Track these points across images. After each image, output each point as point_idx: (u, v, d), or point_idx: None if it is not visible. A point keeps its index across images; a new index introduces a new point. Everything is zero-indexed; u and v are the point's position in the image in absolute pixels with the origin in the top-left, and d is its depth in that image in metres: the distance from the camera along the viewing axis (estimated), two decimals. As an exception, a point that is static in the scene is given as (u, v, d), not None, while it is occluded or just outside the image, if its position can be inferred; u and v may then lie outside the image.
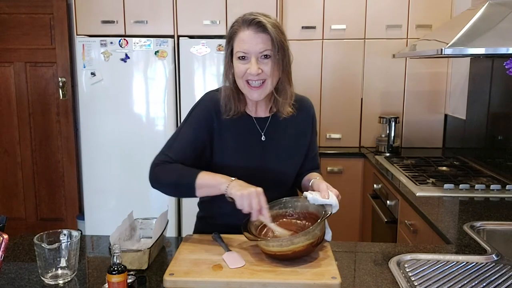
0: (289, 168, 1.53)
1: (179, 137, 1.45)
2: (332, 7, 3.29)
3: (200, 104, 1.47)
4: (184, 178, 1.35)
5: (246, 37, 1.33)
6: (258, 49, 1.33)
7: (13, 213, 3.85)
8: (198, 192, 1.34)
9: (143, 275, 1.22)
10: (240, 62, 1.36)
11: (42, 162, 3.83)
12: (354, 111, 3.39)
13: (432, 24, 3.23)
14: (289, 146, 1.51)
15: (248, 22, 1.33)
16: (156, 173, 1.39)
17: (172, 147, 1.43)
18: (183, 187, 1.36)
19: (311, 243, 1.23)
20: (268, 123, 1.49)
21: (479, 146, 2.73)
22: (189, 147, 1.42)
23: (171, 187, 1.39)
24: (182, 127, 1.46)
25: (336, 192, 1.34)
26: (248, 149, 1.47)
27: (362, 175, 3.15)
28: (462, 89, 3.06)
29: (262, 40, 1.33)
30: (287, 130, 1.50)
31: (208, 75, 3.06)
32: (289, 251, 1.21)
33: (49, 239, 1.22)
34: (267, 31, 1.33)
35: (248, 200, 1.24)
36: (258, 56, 1.34)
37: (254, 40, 1.33)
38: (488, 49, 1.93)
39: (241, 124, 1.46)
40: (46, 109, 3.76)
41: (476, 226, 1.64)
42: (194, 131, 1.43)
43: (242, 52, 1.34)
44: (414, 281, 1.19)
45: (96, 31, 3.12)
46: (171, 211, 3.14)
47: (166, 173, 1.38)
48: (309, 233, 1.22)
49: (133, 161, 3.11)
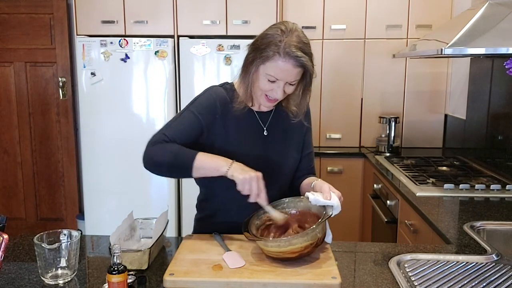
0: (289, 161, 1.54)
1: (179, 120, 1.45)
2: (332, 7, 3.29)
3: (205, 94, 1.48)
4: (182, 157, 1.35)
5: (284, 67, 1.33)
6: (290, 79, 1.36)
7: (13, 213, 3.85)
8: (194, 172, 1.35)
9: (143, 275, 1.22)
10: (267, 82, 1.37)
11: (42, 162, 3.83)
12: (354, 111, 3.39)
13: (432, 24, 3.23)
14: (289, 139, 1.54)
15: (292, 55, 1.32)
16: (152, 151, 1.38)
17: (170, 127, 1.44)
18: (179, 166, 1.36)
19: (310, 244, 1.22)
20: (270, 117, 1.51)
21: (479, 146, 2.73)
22: (187, 130, 1.42)
23: (165, 166, 1.38)
24: (183, 111, 1.47)
25: (339, 193, 1.34)
26: (250, 144, 1.48)
27: (362, 175, 3.15)
28: (462, 89, 3.06)
29: (296, 73, 1.36)
30: (287, 124, 1.52)
31: (208, 75, 3.06)
32: (288, 251, 1.21)
33: (49, 239, 1.22)
34: (305, 65, 1.34)
35: (249, 184, 1.28)
36: (287, 83, 1.37)
37: (290, 72, 1.35)
38: (488, 49, 1.93)
39: (244, 118, 1.47)
40: (46, 109, 3.76)
41: (476, 226, 1.64)
42: (195, 116, 1.43)
43: (274, 78, 1.36)
44: (414, 281, 1.19)
45: (96, 31, 3.12)
46: (171, 211, 3.15)
47: (162, 151, 1.37)
48: (307, 234, 1.21)
49: (133, 161, 3.10)
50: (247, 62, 1.41)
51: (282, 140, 1.52)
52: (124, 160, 3.11)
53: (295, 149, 1.56)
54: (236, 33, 3.08)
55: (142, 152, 1.39)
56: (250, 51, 1.41)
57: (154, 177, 3.11)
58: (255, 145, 1.49)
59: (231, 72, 3.03)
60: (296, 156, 1.56)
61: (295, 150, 1.56)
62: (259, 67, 1.37)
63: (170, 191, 3.14)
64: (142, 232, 1.49)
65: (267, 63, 1.35)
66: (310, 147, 1.62)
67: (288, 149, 1.54)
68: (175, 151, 1.36)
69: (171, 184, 3.14)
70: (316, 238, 1.24)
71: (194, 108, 1.45)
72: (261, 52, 1.35)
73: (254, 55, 1.38)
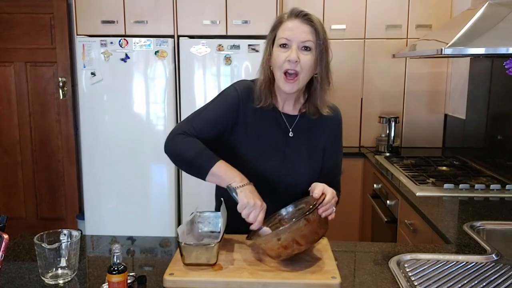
0: (308, 170, 1.50)
1: (206, 111, 1.45)
2: (332, 7, 3.29)
3: (230, 88, 1.48)
4: (202, 159, 1.34)
5: (292, 25, 1.36)
6: (301, 38, 1.35)
7: (13, 213, 3.85)
8: (208, 177, 1.34)
9: (143, 275, 1.22)
10: (280, 50, 1.37)
11: (42, 162, 3.83)
12: (354, 111, 3.40)
13: (432, 24, 3.23)
14: (314, 147, 1.51)
15: (296, 13, 1.36)
16: (176, 142, 1.38)
17: (197, 117, 1.43)
18: (197, 166, 1.35)
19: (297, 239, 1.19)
20: (296, 121, 1.49)
21: (479, 146, 2.74)
22: (213, 123, 1.42)
23: (184, 161, 1.38)
24: (209, 104, 1.47)
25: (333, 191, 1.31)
26: (272, 143, 1.47)
27: (362, 175, 3.15)
28: (462, 89, 3.06)
29: (307, 30, 1.35)
30: (314, 131, 1.50)
31: (208, 75, 3.06)
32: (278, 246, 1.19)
33: (49, 239, 1.22)
34: (313, 23, 1.35)
35: (248, 210, 1.26)
36: (300, 45, 1.36)
37: (299, 29, 1.35)
38: (488, 49, 1.93)
39: (269, 116, 1.46)
40: (46, 109, 3.76)
41: (476, 226, 1.64)
42: (222, 107, 1.44)
43: (285, 39, 1.36)
44: (414, 281, 1.19)
45: (96, 31, 3.12)
46: (171, 211, 3.15)
47: (186, 146, 1.36)
48: (291, 227, 1.18)
49: (133, 161, 3.11)
50: (264, 53, 1.44)
51: (307, 145, 1.49)
52: (124, 160, 3.11)
53: (319, 158, 1.52)
54: (236, 33, 3.08)
55: (166, 135, 1.39)
56: (266, 43, 1.45)
57: (154, 176, 3.14)
58: (277, 144, 1.47)
59: (231, 72, 3.04)
60: (316, 165, 1.52)
61: (318, 159, 1.52)
62: (272, 47, 1.40)
63: (170, 191, 3.14)
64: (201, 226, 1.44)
65: (277, 32, 1.38)
66: (336, 161, 1.59)
67: (311, 156, 1.50)
68: (198, 150, 1.35)
69: (171, 184, 3.14)
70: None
71: (220, 101, 1.46)
72: (271, 30, 1.41)
73: (266, 42, 1.42)
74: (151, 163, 3.11)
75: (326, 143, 1.53)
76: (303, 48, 1.36)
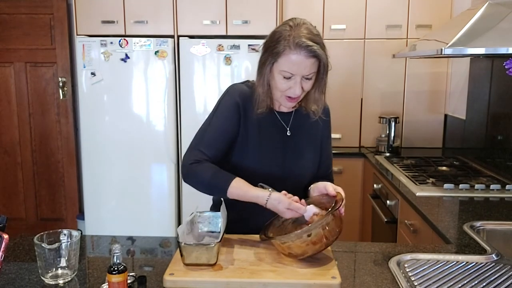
0: (309, 165, 1.53)
1: (210, 129, 1.44)
2: (332, 7, 3.29)
3: (227, 95, 1.47)
4: (217, 180, 1.37)
5: (296, 59, 1.32)
6: (305, 72, 1.35)
7: (13, 213, 3.85)
8: (229, 195, 1.36)
9: (143, 275, 1.22)
10: (283, 80, 1.36)
11: (42, 162, 3.83)
12: (354, 111, 3.40)
13: (432, 24, 3.23)
14: (311, 141, 1.53)
15: (302, 46, 1.31)
16: (191, 173, 1.39)
17: (204, 140, 1.43)
18: (215, 189, 1.39)
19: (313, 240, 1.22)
20: (292, 118, 1.50)
21: (479, 146, 2.73)
22: (221, 138, 1.43)
23: (204, 187, 1.40)
24: (211, 118, 1.46)
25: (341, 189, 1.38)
26: (272, 144, 1.48)
27: (362, 175, 3.15)
28: (462, 89, 3.06)
29: (311, 64, 1.34)
30: (309, 126, 1.52)
31: (208, 75, 3.06)
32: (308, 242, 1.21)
33: (49, 239, 1.22)
34: (318, 57, 1.33)
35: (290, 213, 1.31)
36: (304, 77, 1.36)
37: (304, 64, 1.33)
38: (488, 49, 1.93)
39: (266, 119, 1.47)
40: (46, 109, 3.76)
41: (476, 226, 1.64)
42: (226, 120, 1.43)
43: (289, 73, 1.35)
44: (414, 281, 1.19)
45: (96, 31, 3.12)
46: (171, 211, 3.15)
47: (200, 172, 1.38)
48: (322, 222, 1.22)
49: (133, 161, 3.11)
50: (261, 64, 1.41)
51: (305, 141, 1.52)
52: (124, 160, 3.11)
53: (316, 152, 1.55)
54: (236, 33, 3.08)
55: (181, 167, 1.42)
56: (263, 52, 1.41)
57: (154, 176, 3.14)
58: (277, 146, 1.48)
59: (231, 72, 3.04)
60: (315, 159, 1.55)
61: (316, 153, 1.55)
62: (272, 67, 1.37)
63: (170, 191, 3.14)
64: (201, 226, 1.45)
65: (279, 60, 1.34)
66: (329, 154, 1.61)
67: (309, 151, 1.53)
68: (210, 175, 1.37)
69: (171, 184, 3.14)
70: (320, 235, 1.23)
71: (222, 113, 1.45)
72: (272, 49, 1.35)
73: (266, 56, 1.38)
74: (151, 163, 3.11)
75: (322, 132, 1.57)
76: (305, 78, 1.36)
